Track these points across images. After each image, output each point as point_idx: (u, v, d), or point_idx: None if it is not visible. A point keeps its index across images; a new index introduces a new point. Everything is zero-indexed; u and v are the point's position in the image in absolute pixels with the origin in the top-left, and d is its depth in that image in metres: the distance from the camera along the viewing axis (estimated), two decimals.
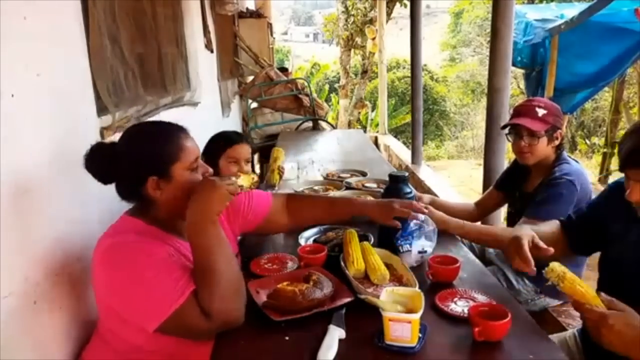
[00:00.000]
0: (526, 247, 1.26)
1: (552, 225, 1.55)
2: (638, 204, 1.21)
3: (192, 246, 1.18)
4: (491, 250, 2.20)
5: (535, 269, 1.26)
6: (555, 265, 1.13)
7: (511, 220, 2.12)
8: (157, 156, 1.23)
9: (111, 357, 1.24)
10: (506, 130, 2.01)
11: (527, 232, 1.34)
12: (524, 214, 1.85)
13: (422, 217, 1.55)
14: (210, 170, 1.34)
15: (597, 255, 1.48)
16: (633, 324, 1.04)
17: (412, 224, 1.54)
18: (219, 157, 1.99)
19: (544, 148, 1.89)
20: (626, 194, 1.20)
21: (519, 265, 1.28)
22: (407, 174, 1.71)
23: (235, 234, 1.61)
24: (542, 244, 1.28)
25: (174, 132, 1.28)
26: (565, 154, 1.96)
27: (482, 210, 2.29)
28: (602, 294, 1.10)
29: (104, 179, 1.26)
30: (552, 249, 1.28)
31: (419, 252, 1.54)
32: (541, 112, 1.87)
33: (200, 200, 1.16)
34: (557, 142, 1.91)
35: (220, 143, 2.04)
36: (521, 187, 2.07)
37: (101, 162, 1.24)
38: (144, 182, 1.22)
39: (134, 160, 1.23)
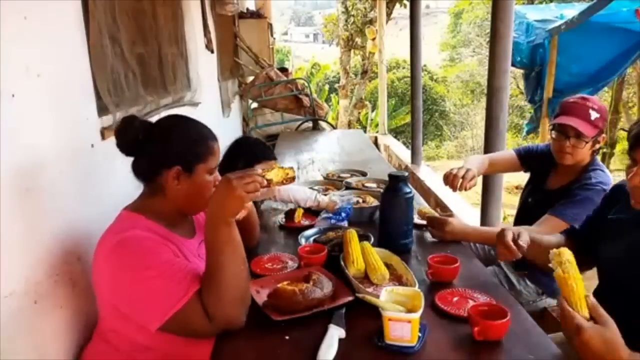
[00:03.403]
0: (509, 238, 1.38)
1: (557, 237, 1.57)
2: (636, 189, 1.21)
3: (205, 244, 1.18)
4: (494, 252, 2.18)
5: (520, 254, 1.37)
6: (564, 251, 1.08)
7: (525, 212, 2.04)
8: (192, 150, 1.28)
9: (112, 356, 1.25)
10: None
11: (516, 228, 1.43)
12: (551, 210, 1.79)
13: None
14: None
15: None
16: (608, 341, 0.98)
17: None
18: (257, 163, 1.90)
19: (586, 152, 1.83)
20: (628, 177, 1.22)
21: (502, 253, 1.41)
22: (406, 173, 1.71)
23: None
24: (522, 243, 1.37)
25: (210, 136, 1.34)
26: (598, 158, 1.90)
27: (493, 168, 2.18)
28: (591, 297, 1.04)
29: (129, 149, 1.29)
30: (524, 247, 1.38)
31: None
32: (594, 115, 1.78)
33: (217, 199, 1.15)
34: (597, 147, 1.84)
35: (260, 151, 2.02)
36: (544, 181, 1.99)
37: (136, 132, 1.27)
38: (168, 168, 1.26)
39: (169, 143, 1.27)
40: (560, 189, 1.88)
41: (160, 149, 1.27)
